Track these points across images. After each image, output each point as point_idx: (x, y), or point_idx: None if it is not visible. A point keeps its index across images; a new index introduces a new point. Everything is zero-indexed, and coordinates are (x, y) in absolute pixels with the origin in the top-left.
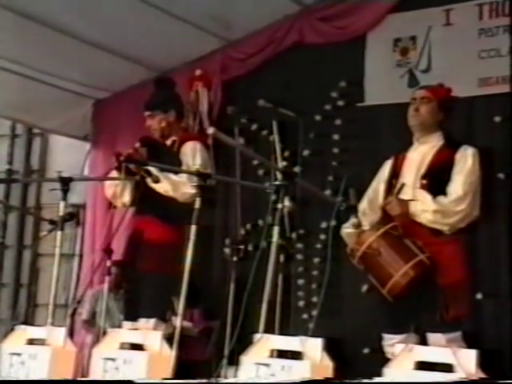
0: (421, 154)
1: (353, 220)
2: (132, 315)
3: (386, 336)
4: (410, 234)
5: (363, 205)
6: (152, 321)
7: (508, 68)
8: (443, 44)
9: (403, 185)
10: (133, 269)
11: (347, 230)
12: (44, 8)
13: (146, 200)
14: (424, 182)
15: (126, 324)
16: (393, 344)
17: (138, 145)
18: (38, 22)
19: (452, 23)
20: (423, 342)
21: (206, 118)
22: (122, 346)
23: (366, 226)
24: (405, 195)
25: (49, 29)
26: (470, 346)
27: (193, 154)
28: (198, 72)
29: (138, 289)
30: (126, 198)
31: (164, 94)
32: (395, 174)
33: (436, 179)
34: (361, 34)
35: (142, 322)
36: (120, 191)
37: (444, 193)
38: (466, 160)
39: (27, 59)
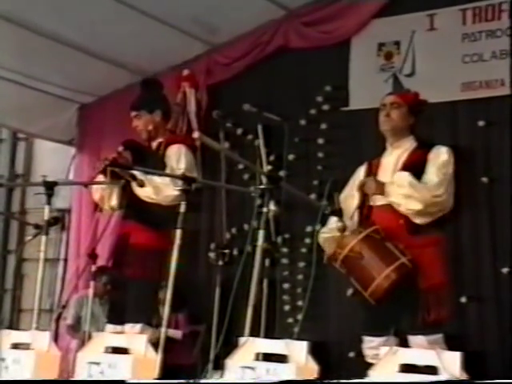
0: (395, 157)
1: (337, 224)
2: (117, 320)
3: (366, 339)
4: (392, 238)
5: None
6: (138, 326)
7: (490, 72)
8: (427, 48)
9: None
10: (119, 273)
11: (325, 235)
12: (29, 12)
13: (131, 205)
14: None
15: (115, 328)
16: (374, 347)
17: (121, 148)
18: (23, 26)
19: (436, 28)
20: (405, 344)
21: (194, 118)
22: (107, 350)
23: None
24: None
25: (34, 33)
26: (453, 349)
27: (177, 158)
28: (185, 72)
29: (124, 293)
30: (114, 201)
31: (150, 95)
32: None
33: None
34: (345, 38)
35: (129, 326)
36: (108, 195)
37: None
38: (439, 155)
39: (11, 64)
